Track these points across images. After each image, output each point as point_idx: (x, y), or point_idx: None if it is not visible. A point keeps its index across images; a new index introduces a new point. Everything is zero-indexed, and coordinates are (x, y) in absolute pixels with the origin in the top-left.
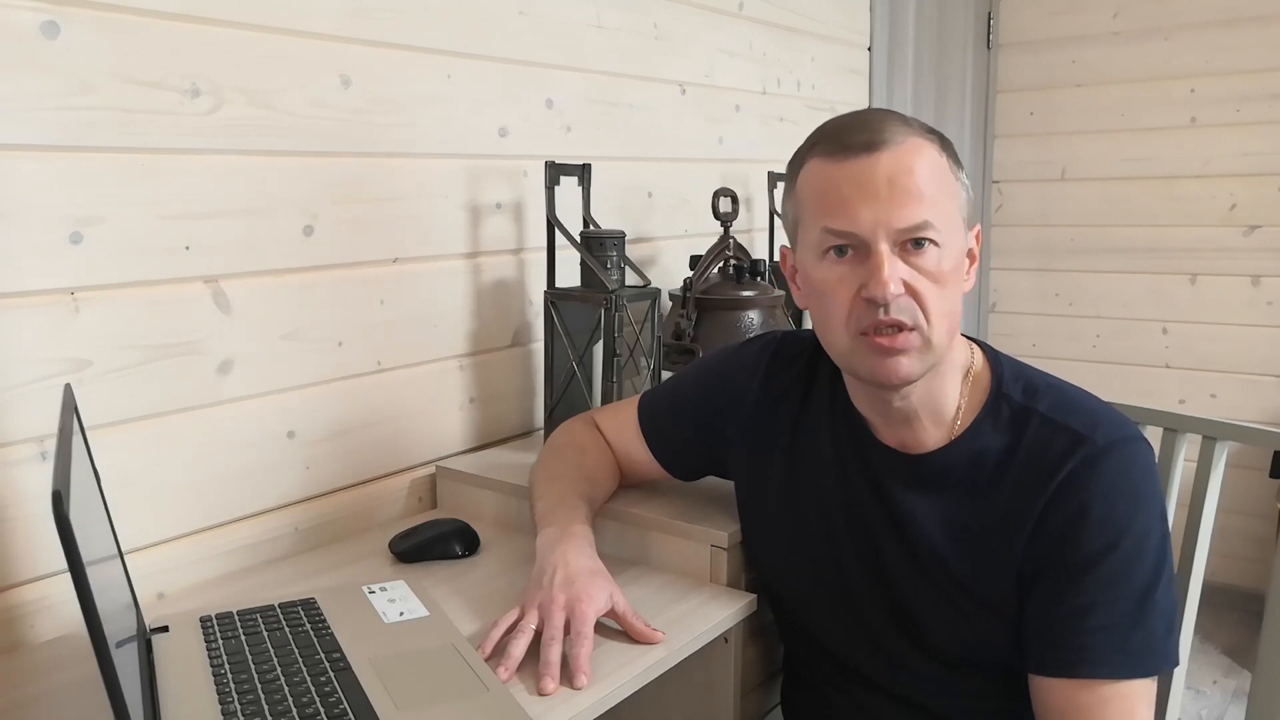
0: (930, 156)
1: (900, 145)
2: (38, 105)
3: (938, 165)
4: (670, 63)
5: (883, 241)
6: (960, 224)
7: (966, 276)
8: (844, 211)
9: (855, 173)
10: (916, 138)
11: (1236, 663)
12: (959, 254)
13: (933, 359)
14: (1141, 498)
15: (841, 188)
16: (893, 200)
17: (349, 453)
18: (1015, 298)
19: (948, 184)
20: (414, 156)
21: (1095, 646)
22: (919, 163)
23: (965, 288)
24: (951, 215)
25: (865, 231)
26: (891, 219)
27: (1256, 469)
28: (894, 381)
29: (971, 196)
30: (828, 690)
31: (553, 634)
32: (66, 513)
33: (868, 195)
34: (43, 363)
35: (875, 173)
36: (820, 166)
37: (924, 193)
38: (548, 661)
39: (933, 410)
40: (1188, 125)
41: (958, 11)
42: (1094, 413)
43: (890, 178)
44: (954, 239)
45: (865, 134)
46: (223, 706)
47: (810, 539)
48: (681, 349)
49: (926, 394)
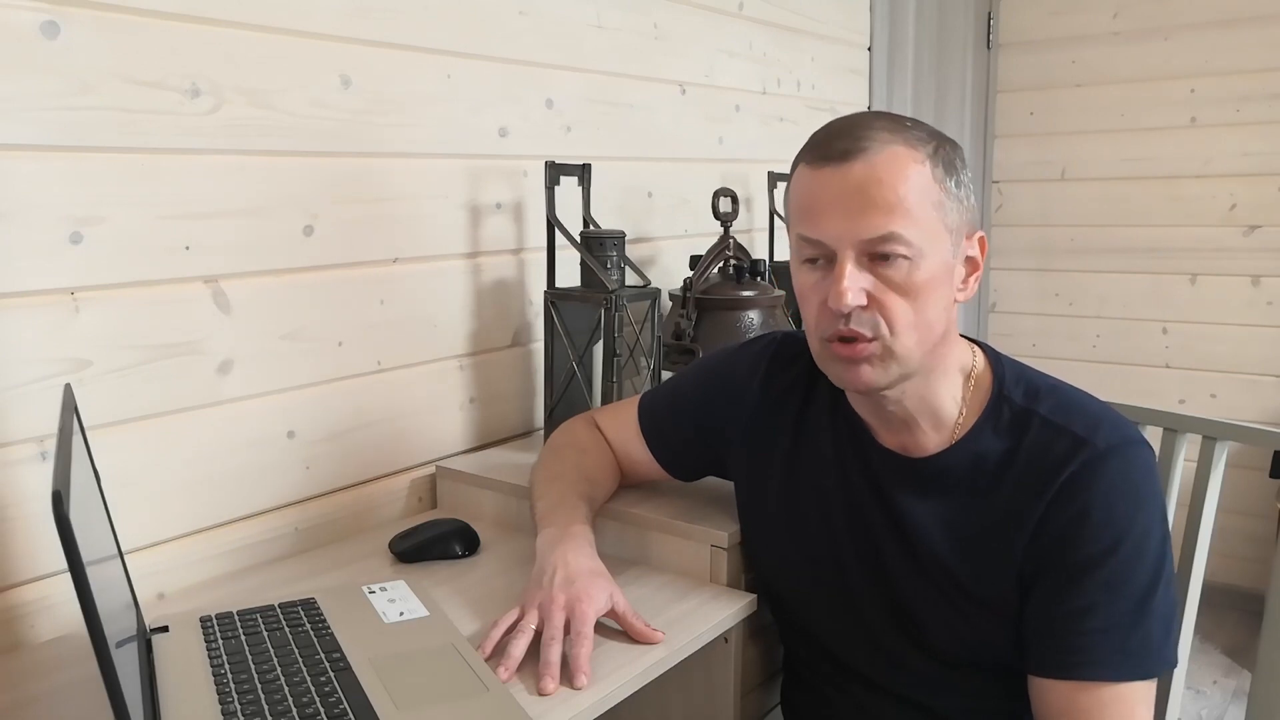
0: (909, 169)
1: (877, 155)
2: (38, 105)
3: (919, 177)
4: (670, 63)
5: (847, 251)
6: (944, 237)
7: (963, 286)
8: (813, 220)
9: (827, 182)
10: (899, 146)
11: (1236, 663)
12: (938, 268)
13: (899, 369)
14: (1142, 500)
15: (814, 196)
16: (860, 211)
17: (349, 453)
18: (1015, 298)
19: (929, 195)
20: (414, 156)
21: (1095, 648)
22: (892, 173)
23: (961, 298)
24: (931, 228)
25: (830, 240)
26: (856, 229)
27: (1256, 469)
28: (858, 388)
29: (973, 204)
30: (828, 690)
31: (553, 634)
32: (66, 513)
33: (835, 205)
34: (43, 363)
35: (845, 182)
36: (802, 173)
37: (894, 204)
38: (548, 661)
39: (931, 414)
40: (1188, 125)
41: (958, 11)
42: (1095, 416)
43: (860, 187)
44: (932, 252)
45: (845, 142)
46: (223, 706)
47: (810, 539)
48: (681, 349)
49: (920, 399)
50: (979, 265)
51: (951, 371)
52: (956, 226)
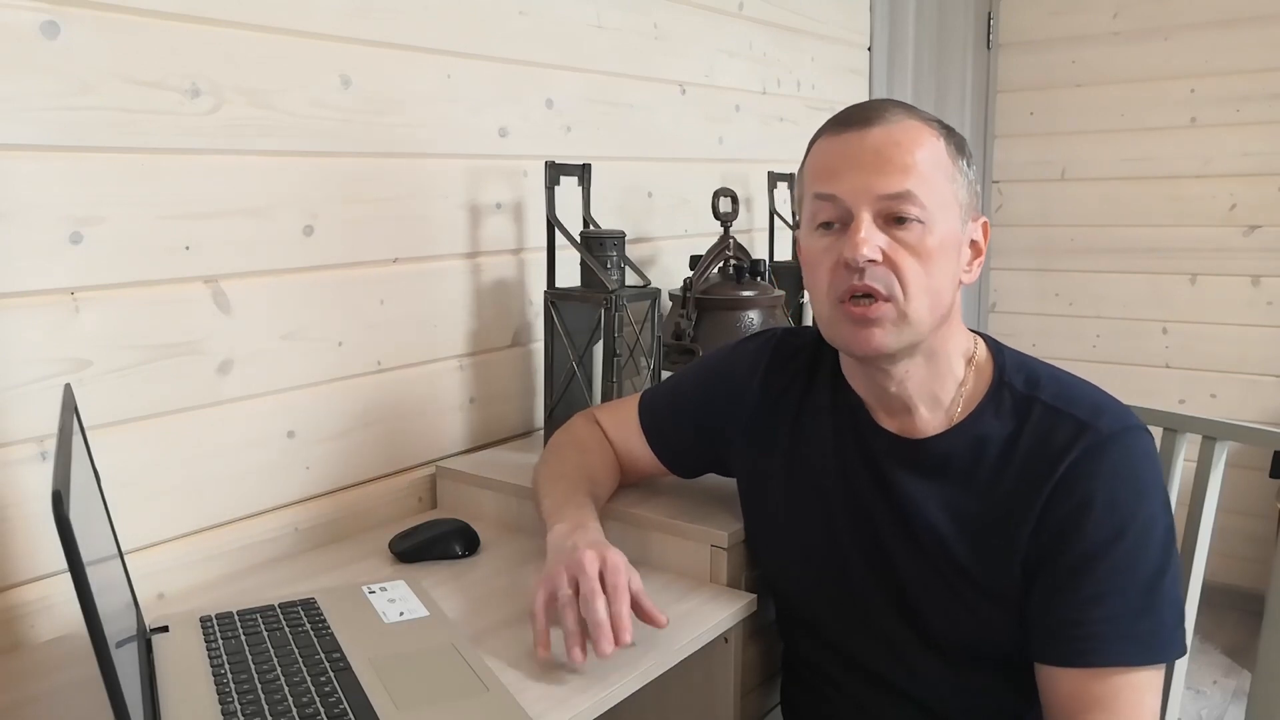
0: (925, 139)
1: (896, 124)
2: (38, 105)
3: (934, 148)
4: (670, 63)
5: (864, 207)
6: (954, 208)
7: (968, 268)
8: (831, 178)
9: (847, 143)
10: (916, 121)
11: (1236, 663)
12: (949, 236)
13: (910, 335)
14: (1145, 487)
15: (833, 157)
16: (877, 168)
17: (349, 453)
18: (1015, 298)
19: (943, 166)
20: (414, 156)
21: (1105, 636)
22: (910, 140)
23: (966, 279)
24: (943, 196)
25: (846, 195)
26: (873, 185)
27: (1256, 469)
28: (867, 352)
29: (978, 191)
30: (828, 689)
31: (592, 587)
32: (66, 513)
33: (854, 163)
34: (43, 363)
35: (864, 143)
36: (821, 143)
37: (910, 166)
38: (597, 622)
39: (930, 396)
40: (1188, 125)
41: (958, 11)
42: (1096, 402)
43: (878, 148)
44: (943, 219)
45: (866, 112)
46: (223, 706)
47: (813, 532)
48: (681, 349)
49: (921, 382)
50: (982, 250)
51: (954, 355)
52: (966, 203)
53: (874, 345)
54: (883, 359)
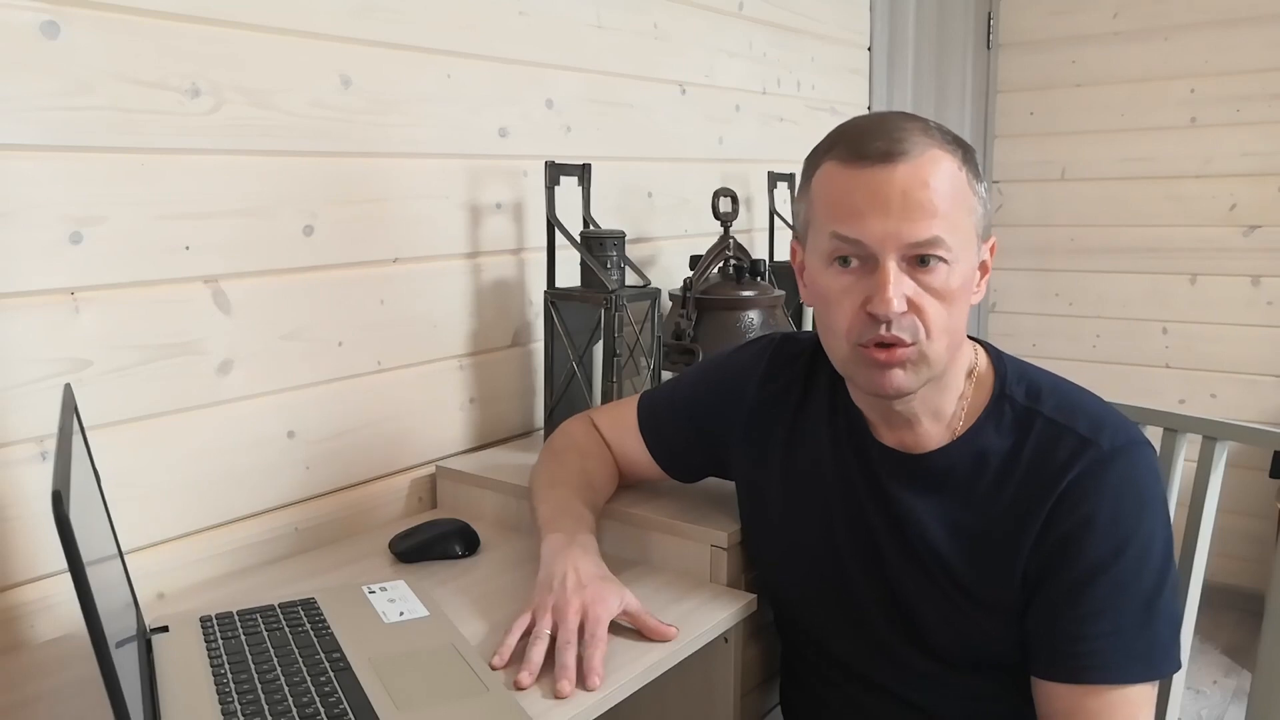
0: (948, 170)
1: (919, 158)
2: (37, 105)
3: (955, 179)
4: (670, 63)
5: (890, 255)
6: (974, 239)
7: (977, 289)
8: (855, 220)
9: (869, 181)
10: (936, 149)
11: (1236, 663)
12: (969, 270)
13: (928, 373)
14: (1146, 503)
15: (854, 195)
16: (905, 214)
17: (349, 453)
18: (1015, 298)
19: (964, 198)
20: (414, 156)
21: (1102, 652)
22: (936, 176)
23: (974, 300)
24: (965, 231)
25: (874, 243)
26: (902, 233)
27: (1256, 469)
28: (889, 393)
29: (989, 209)
30: (827, 691)
31: (568, 637)
32: (66, 513)
33: (880, 206)
34: (43, 363)
35: (890, 184)
36: (836, 171)
37: (938, 208)
38: (564, 665)
39: (933, 411)
40: (1188, 125)
41: (958, 11)
42: (1098, 416)
43: (905, 190)
44: (965, 255)
45: (884, 142)
46: (223, 706)
47: (811, 538)
48: (681, 349)
49: (925, 399)
50: (989, 268)
51: (958, 370)
52: (981, 231)
53: (896, 387)
54: (902, 396)
